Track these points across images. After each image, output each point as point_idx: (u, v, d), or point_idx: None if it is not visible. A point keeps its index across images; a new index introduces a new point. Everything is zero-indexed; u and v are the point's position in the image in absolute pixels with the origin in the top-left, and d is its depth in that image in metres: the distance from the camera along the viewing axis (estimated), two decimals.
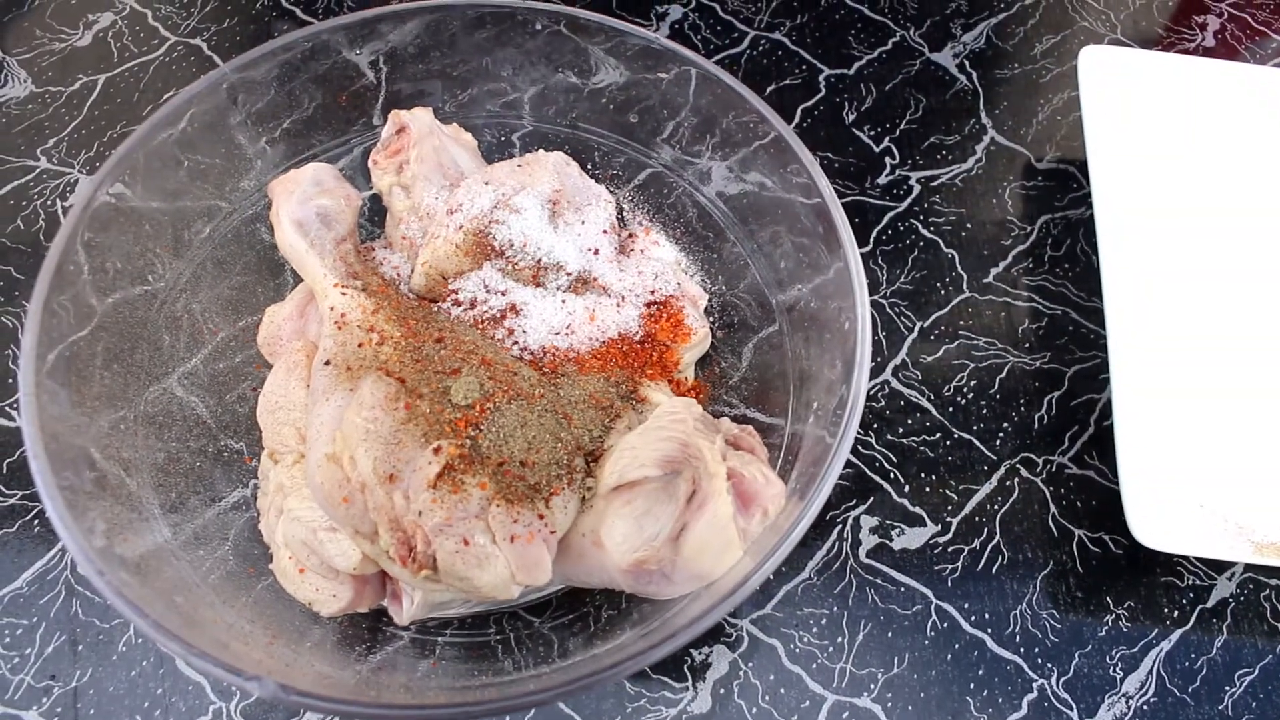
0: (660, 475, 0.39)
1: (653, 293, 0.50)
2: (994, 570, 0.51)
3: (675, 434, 0.40)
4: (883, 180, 0.62)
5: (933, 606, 0.50)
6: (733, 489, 0.39)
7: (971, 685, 0.48)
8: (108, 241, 0.44)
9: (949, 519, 0.52)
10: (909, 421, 0.54)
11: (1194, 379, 0.54)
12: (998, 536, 0.51)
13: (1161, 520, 0.48)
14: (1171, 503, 0.49)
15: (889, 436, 0.54)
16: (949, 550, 0.51)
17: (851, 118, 0.64)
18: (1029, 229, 0.61)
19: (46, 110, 0.62)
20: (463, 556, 0.36)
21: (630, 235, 0.54)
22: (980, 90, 0.66)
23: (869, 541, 0.51)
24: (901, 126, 0.64)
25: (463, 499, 0.37)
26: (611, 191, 0.54)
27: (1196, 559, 0.51)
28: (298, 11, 0.67)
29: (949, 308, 0.58)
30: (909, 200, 0.61)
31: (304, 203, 0.47)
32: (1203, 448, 0.52)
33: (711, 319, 0.53)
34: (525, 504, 0.38)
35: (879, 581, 0.50)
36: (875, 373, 0.56)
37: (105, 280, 0.45)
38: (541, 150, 0.51)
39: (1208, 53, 0.70)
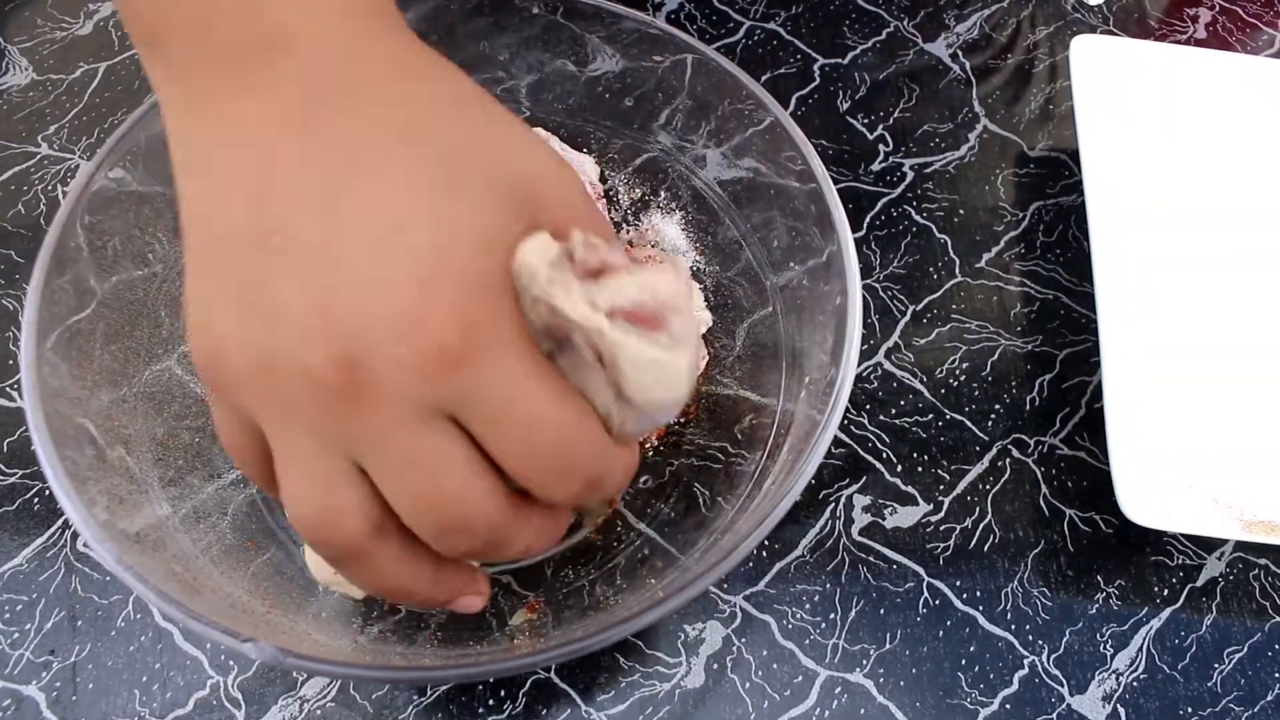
0: (552, 346, 0.32)
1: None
2: (985, 549, 0.51)
3: (539, 297, 0.32)
4: (876, 167, 0.63)
5: (925, 584, 0.50)
6: (628, 323, 0.32)
7: (963, 661, 0.48)
8: (108, 224, 0.45)
9: (941, 498, 0.52)
10: (901, 403, 0.55)
11: (1183, 362, 0.54)
12: (989, 516, 0.52)
13: (1151, 499, 0.48)
14: (1161, 482, 0.50)
15: (881, 417, 0.54)
16: (941, 529, 0.51)
17: (845, 106, 0.65)
18: (1021, 215, 0.62)
19: (47, 97, 0.63)
20: None
21: (629, 245, 0.54)
22: (973, 79, 0.67)
23: (862, 520, 0.51)
24: (895, 115, 0.65)
25: None
26: (608, 175, 0.55)
27: (1186, 538, 0.52)
28: None
29: (941, 292, 0.59)
30: (902, 186, 0.62)
31: None
32: (1192, 429, 0.52)
33: (707, 302, 0.54)
34: None
35: (871, 559, 0.50)
36: (868, 355, 0.56)
37: (105, 262, 0.45)
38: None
39: (1199, 44, 0.70)
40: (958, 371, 0.56)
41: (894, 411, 0.55)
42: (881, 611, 0.49)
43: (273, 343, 0.28)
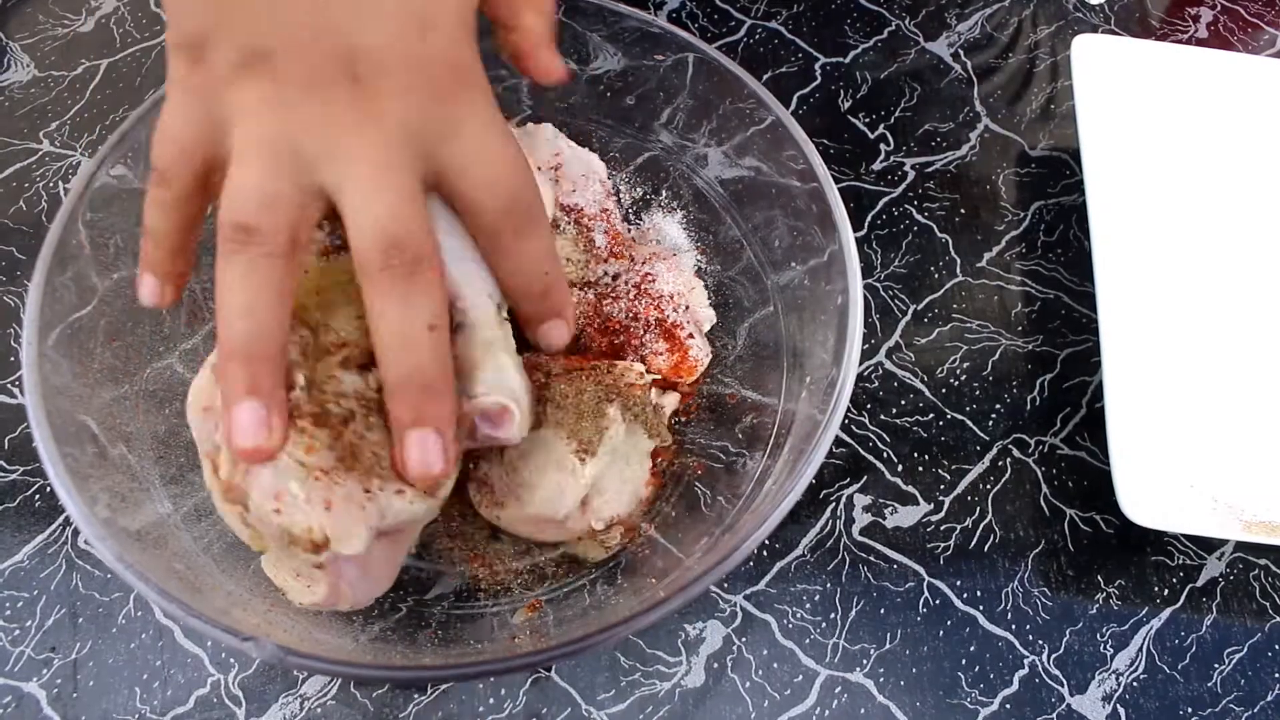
0: None
1: (659, 321, 0.50)
2: (986, 549, 0.51)
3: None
4: (877, 166, 0.63)
5: (925, 584, 0.50)
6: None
7: (963, 661, 0.48)
8: (109, 221, 0.45)
9: (941, 498, 0.52)
10: (902, 402, 0.55)
11: (1184, 363, 0.54)
12: (990, 515, 0.52)
13: (1152, 499, 0.48)
14: (1161, 482, 0.50)
15: (882, 417, 0.54)
16: (941, 529, 0.51)
17: (847, 105, 0.65)
18: (1022, 215, 0.62)
19: (49, 94, 0.63)
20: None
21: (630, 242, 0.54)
22: (974, 79, 0.67)
23: (862, 519, 0.51)
24: (896, 114, 0.65)
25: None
26: (610, 173, 0.55)
27: (1186, 538, 0.52)
28: None
29: (942, 291, 0.59)
30: (903, 186, 0.62)
31: None
32: (1192, 429, 0.52)
33: (709, 301, 0.54)
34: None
35: (872, 559, 0.50)
36: (869, 354, 0.56)
37: (107, 259, 0.45)
38: (530, 123, 0.52)
39: (1200, 44, 0.70)
40: (959, 371, 0.56)
41: (895, 411, 0.55)
42: (882, 611, 0.49)
43: (281, 40, 0.32)
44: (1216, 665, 0.49)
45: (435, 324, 0.34)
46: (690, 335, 0.50)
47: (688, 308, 0.51)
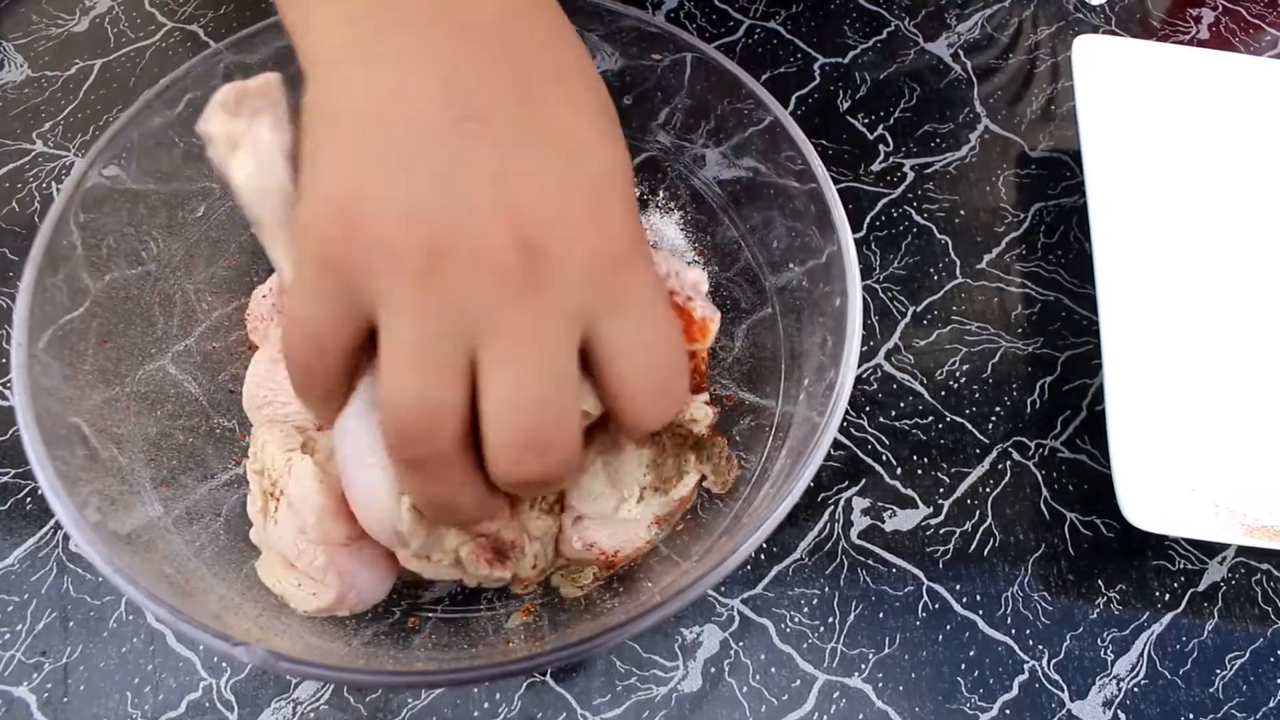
0: None
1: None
2: (985, 552, 0.51)
3: None
4: (876, 167, 0.62)
5: (924, 588, 0.50)
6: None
7: (962, 666, 0.48)
8: (101, 222, 0.44)
9: (941, 501, 0.52)
10: (901, 405, 0.54)
11: (1185, 365, 0.54)
12: (989, 519, 0.52)
13: (1153, 503, 0.48)
14: (1163, 486, 0.49)
15: (881, 419, 0.54)
16: (941, 532, 0.51)
17: (846, 105, 0.65)
18: (1022, 216, 0.61)
19: (43, 94, 0.62)
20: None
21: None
22: (974, 79, 0.66)
23: (861, 523, 0.51)
24: (895, 114, 0.65)
25: None
26: None
27: (1187, 542, 0.51)
28: None
29: (942, 293, 0.58)
30: (902, 187, 0.62)
31: (287, 134, 0.35)
32: (1194, 432, 0.52)
33: (689, 262, 0.53)
34: None
35: (870, 563, 0.50)
36: (867, 357, 0.56)
37: (99, 260, 0.45)
38: None
39: (1202, 45, 0.70)
40: (958, 373, 0.56)
41: (894, 413, 0.54)
42: (880, 615, 0.49)
43: (453, 218, 0.28)
44: (1218, 671, 0.48)
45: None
46: (689, 298, 0.49)
47: (677, 273, 0.50)
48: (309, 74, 0.32)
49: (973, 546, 0.51)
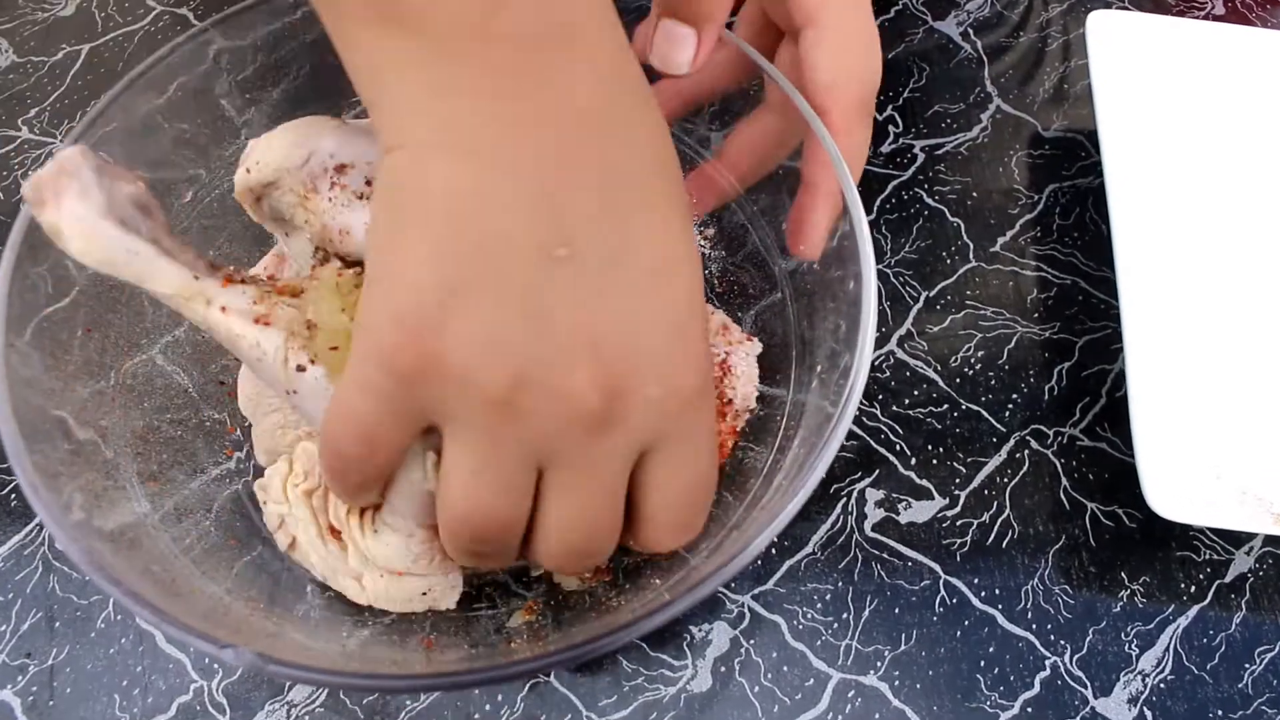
0: None
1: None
2: (1004, 545, 0.49)
3: None
4: (886, 149, 0.61)
5: (941, 582, 0.48)
6: None
7: (982, 663, 0.46)
8: None
9: (957, 492, 0.50)
10: (915, 393, 0.53)
11: (1209, 349, 0.52)
12: (1008, 510, 0.50)
13: (1178, 491, 0.46)
14: (1188, 474, 0.47)
15: (894, 408, 0.52)
16: (957, 524, 0.49)
17: None
18: (1036, 198, 0.59)
19: (28, 80, 0.61)
20: None
21: None
22: (985, 58, 0.65)
23: (875, 515, 0.49)
24: (905, 95, 0.63)
25: None
26: None
27: (1213, 532, 0.50)
28: None
29: (955, 277, 0.56)
30: (913, 169, 0.60)
31: (105, 192, 0.34)
32: (1218, 418, 0.50)
33: (712, 296, 0.51)
34: None
35: (885, 556, 0.48)
36: (880, 343, 0.54)
37: None
38: None
39: (1217, 20, 0.68)
40: (973, 360, 0.54)
41: (907, 402, 0.53)
42: (896, 611, 0.47)
43: (538, 354, 0.28)
44: (1247, 665, 0.47)
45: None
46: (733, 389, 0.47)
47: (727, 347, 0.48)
48: (383, 140, 0.29)
49: (991, 538, 0.49)
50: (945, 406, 0.52)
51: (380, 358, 0.28)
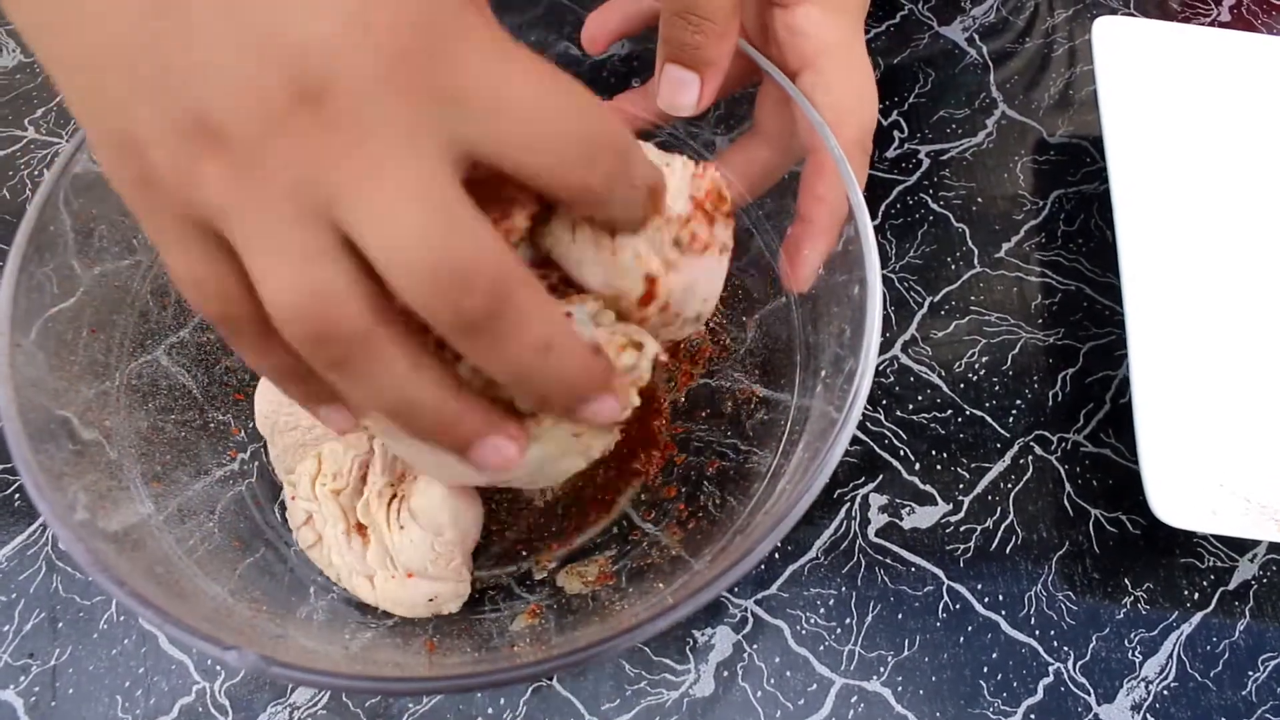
0: None
1: None
2: (1008, 550, 0.49)
3: None
4: (891, 154, 0.61)
5: (944, 587, 0.48)
6: None
7: (985, 669, 0.46)
8: (92, 207, 0.43)
9: (961, 498, 0.50)
10: (919, 398, 0.53)
11: (1213, 356, 0.52)
12: (1011, 516, 0.50)
13: (1182, 498, 0.46)
14: (1192, 480, 0.47)
15: (898, 413, 0.52)
16: (961, 530, 0.49)
17: None
18: (1041, 204, 0.59)
19: (35, 80, 0.61)
20: None
21: None
22: (990, 64, 0.65)
23: (878, 520, 0.49)
24: (910, 100, 0.63)
25: None
26: None
27: (1216, 539, 0.50)
28: None
29: (959, 283, 0.56)
30: (918, 174, 0.60)
31: None
32: (1223, 425, 0.50)
33: None
34: None
35: (889, 561, 0.48)
36: (884, 348, 0.54)
37: (91, 249, 0.43)
38: None
39: (1223, 27, 0.68)
40: (977, 365, 0.54)
41: (911, 407, 0.52)
42: (899, 616, 0.47)
43: (208, 93, 0.24)
44: (1250, 673, 0.47)
45: (551, 343, 0.27)
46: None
47: None
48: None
49: (994, 544, 0.49)
50: (949, 412, 0.52)
51: (134, 206, 0.26)
